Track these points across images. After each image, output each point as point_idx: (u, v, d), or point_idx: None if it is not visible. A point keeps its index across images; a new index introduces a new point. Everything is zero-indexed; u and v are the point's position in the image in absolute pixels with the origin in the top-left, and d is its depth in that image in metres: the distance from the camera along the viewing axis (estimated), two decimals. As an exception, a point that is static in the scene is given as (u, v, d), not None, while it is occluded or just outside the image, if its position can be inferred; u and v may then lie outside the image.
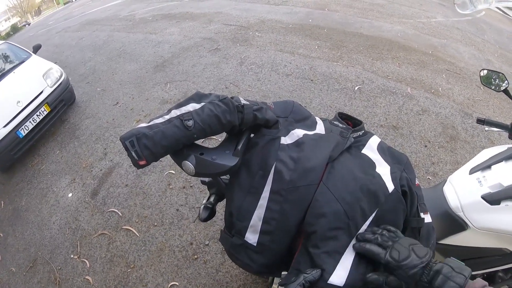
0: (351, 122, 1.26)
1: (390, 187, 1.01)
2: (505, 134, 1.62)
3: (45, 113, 4.52)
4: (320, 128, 1.18)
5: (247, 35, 6.12)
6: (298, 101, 3.84)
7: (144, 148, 0.92)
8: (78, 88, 5.78)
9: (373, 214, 0.95)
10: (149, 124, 0.97)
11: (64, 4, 29.51)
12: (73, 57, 7.73)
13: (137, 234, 2.84)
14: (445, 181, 1.61)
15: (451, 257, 0.78)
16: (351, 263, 0.88)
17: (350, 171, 1.02)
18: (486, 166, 1.45)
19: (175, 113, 1.00)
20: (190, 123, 0.96)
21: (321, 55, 5.03)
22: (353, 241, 0.91)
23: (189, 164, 1.00)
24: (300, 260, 0.93)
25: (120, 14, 10.77)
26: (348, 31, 5.92)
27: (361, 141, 1.17)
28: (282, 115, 1.21)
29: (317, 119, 1.25)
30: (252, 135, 1.18)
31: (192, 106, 1.02)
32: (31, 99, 4.40)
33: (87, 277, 2.66)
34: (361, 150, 1.13)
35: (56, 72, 4.91)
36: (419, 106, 3.74)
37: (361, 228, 0.93)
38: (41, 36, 12.31)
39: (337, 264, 0.87)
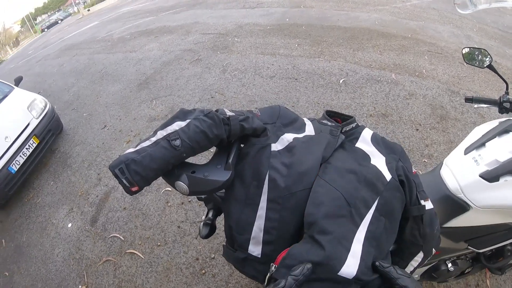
0: (340, 118, 1.24)
1: (388, 176, 1.01)
2: (495, 109, 1.62)
3: (34, 145, 4.45)
4: (309, 130, 1.17)
5: (227, 42, 6.12)
6: (285, 101, 3.89)
7: (135, 173, 0.90)
8: (64, 116, 5.72)
9: (376, 202, 0.94)
10: (137, 148, 0.96)
11: (41, 32, 29.40)
12: (56, 85, 7.65)
13: (141, 256, 2.81)
14: (441, 164, 1.60)
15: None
16: (360, 254, 0.86)
17: (345, 164, 1.02)
18: (480, 144, 1.44)
19: (161, 134, 0.98)
20: (177, 142, 0.95)
21: (302, 52, 5.04)
22: (358, 233, 0.89)
23: (182, 184, 0.98)
24: (301, 250, 0.87)
25: (97, 36, 10.73)
26: (326, 26, 5.94)
27: (354, 134, 1.16)
28: (270, 121, 1.19)
29: (306, 120, 1.24)
30: (242, 145, 1.16)
31: (178, 125, 1.00)
32: (18, 133, 4.33)
33: None
34: (355, 144, 1.13)
35: (40, 103, 4.85)
36: (406, 90, 3.75)
37: (365, 217, 0.92)
38: (22, 67, 12.21)
39: (348, 254, 0.85)
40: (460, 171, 1.44)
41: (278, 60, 4.94)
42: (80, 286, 2.82)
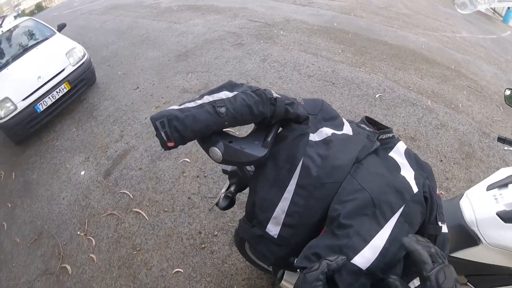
0: (377, 127, 1.27)
1: (415, 189, 1.03)
2: None
3: (65, 90, 4.61)
4: (347, 129, 1.20)
5: (272, 32, 6.12)
6: (319, 103, 3.90)
7: (174, 130, 0.93)
8: (99, 70, 5.85)
9: (401, 209, 0.96)
10: (181, 107, 0.99)
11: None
12: (96, 40, 7.83)
13: (146, 217, 2.88)
14: (462, 194, 1.61)
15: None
16: (380, 249, 0.88)
17: (376, 169, 1.05)
18: (503, 184, 1.45)
19: (207, 99, 1.01)
20: (223, 110, 0.97)
21: (344, 59, 5.02)
22: (382, 231, 0.91)
23: (217, 151, 1.00)
24: (319, 243, 0.91)
25: (145, 1, 10.78)
26: (372, 38, 5.89)
27: (389, 144, 1.20)
28: (312, 112, 1.22)
29: (345, 120, 1.27)
30: (280, 128, 1.19)
31: (225, 94, 1.03)
32: (52, 76, 4.49)
33: (91, 255, 2.70)
34: (389, 153, 1.16)
35: (79, 52, 4.99)
36: (438, 120, 3.72)
37: (389, 221, 0.93)
38: (65, 16, 12.34)
39: (366, 245, 0.87)
40: (479, 205, 1.46)
41: (319, 61, 4.93)
42: (78, 232, 2.92)
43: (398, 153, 1.18)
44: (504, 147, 1.71)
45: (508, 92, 1.77)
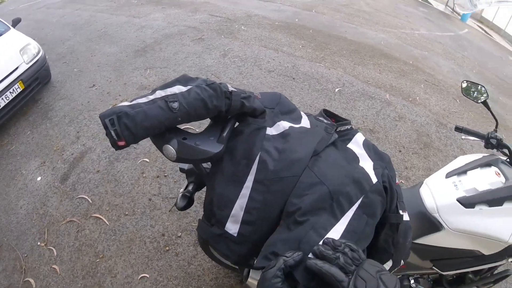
0: (335, 119, 1.27)
1: (374, 179, 1.03)
2: (478, 145, 1.71)
3: (19, 90, 4.29)
4: (305, 122, 1.19)
5: (233, 27, 6.07)
6: (279, 97, 3.87)
7: (125, 127, 0.88)
8: (54, 67, 5.56)
9: (359, 200, 0.95)
10: (132, 103, 0.93)
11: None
12: (52, 35, 7.44)
13: (107, 222, 2.78)
14: (421, 183, 1.66)
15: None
16: None
17: (335, 160, 1.04)
18: (462, 171, 1.51)
19: (159, 93, 0.96)
20: (175, 105, 0.93)
21: (304, 54, 5.05)
22: (338, 224, 0.90)
23: (170, 148, 0.97)
24: (275, 242, 0.89)
25: (104, -5, 10.51)
26: (333, 34, 5.97)
27: (348, 135, 1.20)
28: (269, 106, 1.20)
29: (302, 113, 1.26)
30: (237, 123, 1.16)
31: (178, 88, 0.98)
32: (5, 75, 4.17)
33: (54, 266, 2.57)
34: (347, 145, 1.16)
35: (33, 48, 4.69)
36: (396, 112, 3.81)
37: (346, 214, 0.92)
38: (22, 10, 11.81)
39: (320, 240, 0.82)
40: (438, 192, 1.50)
41: (279, 57, 4.93)
42: (39, 243, 2.77)
43: (356, 144, 1.18)
44: (461, 136, 1.75)
45: (464, 84, 1.83)
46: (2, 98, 4.08)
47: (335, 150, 1.11)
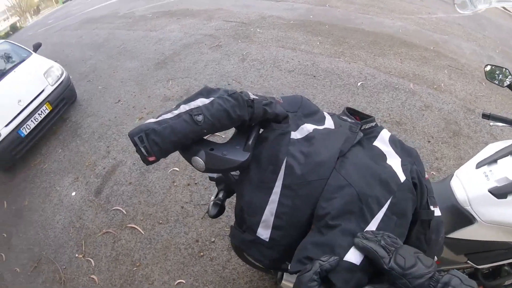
0: (359, 117, 1.26)
1: (402, 177, 1.02)
2: (508, 130, 1.65)
3: (47, 111, 4.51)
4: (329, 123, 1.18)
5: (248, 31, 6.10)
6: (301, 97, 3.88)
7: (154, 144, 0.91)
8: (79, 87, 5.76)
9: (388, 202, 0.95)
10: (158, 119, 0.96)
11: (63, 2, 29.28)
12: (73, 56, 7.70)
13: (142, 232, 2.84)
14: (452, 175, 1.62)
15: (454, 269, 0.73)
16: None
17: (361, 161, 1.03)
18: (492, 160, 1.47)
19: (184, 108, 0.99)
20: (200, 118, 0.95)
21: (323, 51, 5.02)
22: (369, 227, 0.91)
23: (199, 160, 0.99)
24: (308, 246, 0.89)
25: (119, 12, 10.72)
26: (349, 27, 5.90)
27: (373, 133, 1.18)
28: (291, 109, 1.20)
29: (326, 114, 1.25)
30: (261, 130, 1.17)
31: (201, 101, 1.01)
32: (32, 98, 4.39)
33: (92, 276, 2.66)
34: (373, 143, 1.14)
35: (57, 71, 4.89)
36: (422, 101, 3.74)
37: (376, 216, 0.92)
38: (40, 35, 12.23)
39: (352, 245, 0.85)
40: (470, 184, 1.46)
41: (298, 56, 4.92)
42: (77, 255, 2.86)
43: (382, 141, 1.16)
44: (489, 123, 1.70)
45: (488, 68, 1.77)
46: (32, 120, 4.29)
47: (361, 150, 1.09)
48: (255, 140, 1.10)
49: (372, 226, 0.91)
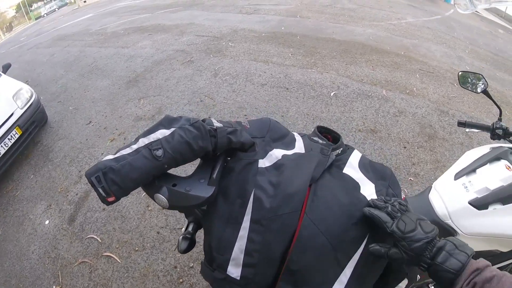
0: (331, 135, 1.21)
1: None
2: (485, 133, 1.63)
3: (17, 136, 4.31)
4: (299, 146, 1.13)
5: (220, 45, 6.09)
6: (275, 110, 3.86)
7: (112, 183, 0.84)
8: (50, 108, 5.62)
9: (364, 241, 0.90)
10: (116, 156, 0.90)
11: (36, 19, 28.95)
12: (44, 75, 7.53)
13: (118, 260, 2.74)
14: (430, 188, 1.58)
15: (454, 236, 0.74)
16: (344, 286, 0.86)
17: (334, 197, 0.96)
18: (470, 170, 1.43)
19: (143, 141, 0.93)
20: (159, 152, 0.89)
21: (295, 62, 5.03)
22: (343, 273, 0.87)
23: (161, 197, 0.92)
24: None
25: (91, 28, 10.62)
26: (320, 37, 5.96)
27: (341, 159, 1.11)
28: (259, 135, 1.13)
29: (296, 135, 1.19)
30: (228, 158, 1.11)
31: (161, 133, 0.95)
32: (1, 122, 4.20)
33: None
34: (343, 170, 1.07)
35: (26, 93, 4.71)
36: (396, 107, 3.77)
37: (353, 257, 0.88)
38: (13, 53, 12.01)
39: None
40: (449, 197, 1.42)
41: (270, 68, 4.92)
42: (54, 287, 2.75)
43: (352, 167, 1.10)
44: (466, 130, 1.68)
45: (461, 75, 1.76)
46: (2, 146, 4.10)
47: (332, 180, 1.02)
48: (221, 172, 1.05)
49: (348, 269, 0.88)
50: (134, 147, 0.92)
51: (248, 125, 1.14)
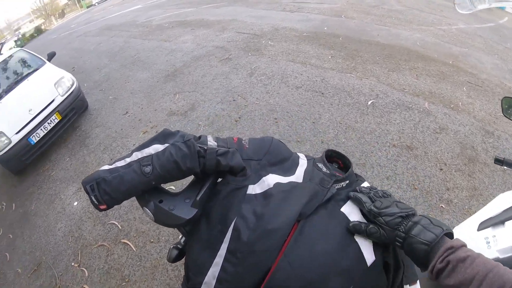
0: (342, 162, 1.08)
1: (370, 258, 0.84)
2: None
3: (56, 121, 4.64)
4: (299, 173, 1.02)
5: (260, 44, 6.03)
6: (306, 115, 3.75)
7: (104, 193, 0.90)
8: (92, 95, 5.91)
9: None
10: (111, 167, 0.94)
11: (87, 7, 30.20)
12: (90, 63, 7.90)
13: (134, 248, 2.86)
14: None
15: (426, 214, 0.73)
16: None
17: (321, 239, 0.85)
18: (499, 221, 1.22)
19: (136, 155, 0.96)
20: (148, 169, 0.92)
21: (334, 65, 4.87)
22: None
23: (148, 212, 0.96)
24: None
25: (137, 20, 10.90)
26: (364, 40, 5.73)
27: (342, 194, 0.97)
28: (255, 157, 1.05)
29: (301, 159, 1.08)
30: (220, 179, 1.06)
31: (154, 148, 0.96)
32: (42, 108, 4.53)
33: (84, 286, 2.71)
34: (341, 207, 0.93)
35: (67, 81, 5.00)
36: (437, 123, 3.51)
37: None
38: (63, 39, 12.62)
39: None
40: None
41: (307, 71, 4.79)
42: (73, 263, 2.94)
43: (352, 206, 0.94)
44: (503, 167, 1.46)
45: (505, 102, 1.58)
46: (41, 129, 4.45)
47: (325, 218, 0.90)
48: (208, 193, 1.02)
49: None
50: (128, 160, 0.95)
51: (247, 145, 1.08)
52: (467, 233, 1.31)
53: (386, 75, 4.52)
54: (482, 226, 1.27)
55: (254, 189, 0.95)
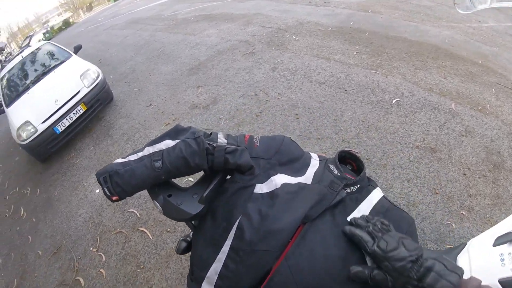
0: (356, 164, 1.06)
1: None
2: None
3: (81, 111, 4.83)
4: (309, 174, 1.00)
5: (284, 38, 5.99)
6: (328, 113, 3.71)
7: (116, 185, 0.94)
8: (117, 87, 6.09)
9: None
10: (124, 160, 0.99)
11: (114, 1, 30.69)
12: (116, 56, 8.09)
13: (150, 237, 2.96)
14: (463, 245, 1.21)
15: (442, 255, 0.69)
16: None
17: (323, 245, 0.84)
18: None
19: (148, 150, 0.99)
20: (158, 164, 0.95)
21: (359, 62, 4.78)
22: None
23: (157, 205, 0.99)
24: None
25: (163, 14, 11.00)
26: (391, 36, 5.60)
27: (352, 201, 0.95)
28: (265, 156, 1.03)
29: (313, 159, 1.06)
30: (228, 177, 1.07)
31: (166, 144, 0.99)
32: (68, 98, 4.72)
33: (101, 270, 2.85)
34: (348, 216, 0.91)
35: (93, 73, 5.16)
36: (463, 125, 3.39)
37: None
38: (90, 32, 12.87)
39: None
40: (479, 266, 1.08)
41: (331, 66, 4.73)
42: (91, 248, 3.11)
43: (361, 212, 0.92)
44: None
45: None
46: (67, 119, 4.68)
47: (330, 225, 0.88)
48: (216, 190, 1.03)
49: None
50: (140, 154, 0.98)
51: (258, 143, 1.07)
52: (482, 248, 1.16)
53: (412, 73, 4.40)
54: (499, 241, 1.11)
55: (261, 188, 0.95)
